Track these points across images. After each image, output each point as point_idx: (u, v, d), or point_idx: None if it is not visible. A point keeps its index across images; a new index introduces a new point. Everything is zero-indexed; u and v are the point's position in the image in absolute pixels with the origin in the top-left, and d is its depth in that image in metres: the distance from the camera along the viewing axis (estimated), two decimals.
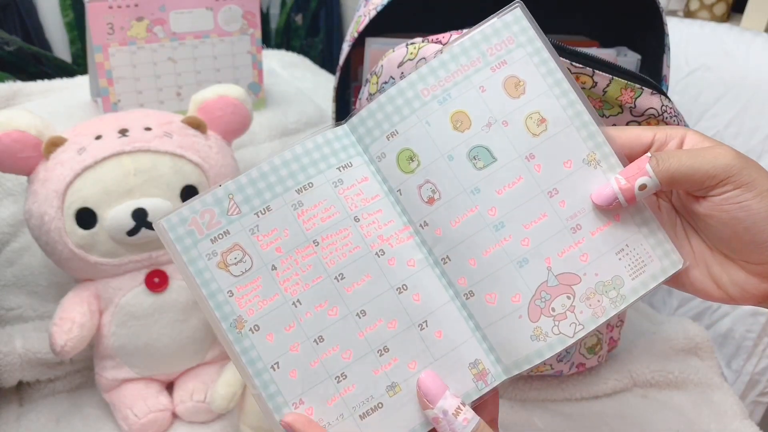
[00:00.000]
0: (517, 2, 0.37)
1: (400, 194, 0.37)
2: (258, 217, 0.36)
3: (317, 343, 0.35)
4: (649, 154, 0.34)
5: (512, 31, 0.37)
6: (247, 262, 0.35)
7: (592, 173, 0.36)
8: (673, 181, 0.34)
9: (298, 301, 0.35)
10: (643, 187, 0.34)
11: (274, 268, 0.35)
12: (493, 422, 0.36)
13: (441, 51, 0.37)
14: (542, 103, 0.36)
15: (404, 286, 0.36)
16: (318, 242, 0.36)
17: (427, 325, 0.36)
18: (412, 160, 0.37)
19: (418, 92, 0.37)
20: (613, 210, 0.35)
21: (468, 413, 0.33)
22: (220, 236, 0.35)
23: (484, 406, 0.36)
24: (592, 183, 0.36)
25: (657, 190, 0.34)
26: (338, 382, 0.35)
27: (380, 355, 0.35)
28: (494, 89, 0.36)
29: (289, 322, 0.35)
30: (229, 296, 0.35)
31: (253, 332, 0.35)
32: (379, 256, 0.36)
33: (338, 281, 0.36)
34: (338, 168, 0.37)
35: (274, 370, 0.35)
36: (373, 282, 0.36)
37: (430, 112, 0.37)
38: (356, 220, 0.37)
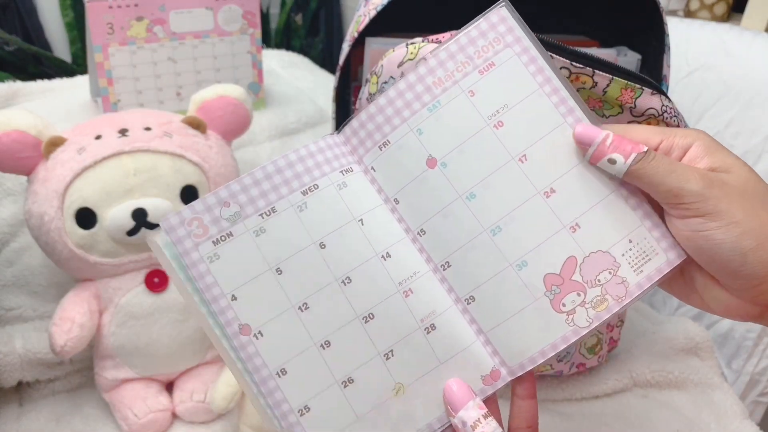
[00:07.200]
0: (503, 1, 0.36)
1: (397, 203, 0.37)
2: (263, 218, 0.35)
3: (324, 348, 0.34)
4: (645, 148, 0.34)
5: (498, 32, 0.36)
6: (252, 266, 0.34)
7: (589, 169, 0.36)
8: (636, 181, 0.34)
9: (304, 305, 0.34)
10: (612, 161, 0.34)
11: (279, 271, 0.34)
12: (530, 429, 0.36)
13: (427, 58, 0.37)
14: (533, 103, 0.36)
15: (410, 290, 0.36)
16: (324, 245, 0.35)
17: (433, 329, 0.36)
18: (406, 170, 0.37)
19: (408, 101, 0.36)
20: (581, 148, 0.35)
21: (487, 427, 0.33)
22: (223, 238, 0.34)
23: (519, 413, 0.36)
24: (588, 179, 0.36)
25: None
26: (345, 387, 0.34)
27: (387, 359, 0.35)
28: (483, 92, 0.36)
29: (295, 327, 0.34)
30: (233, 300, 0.33)
31: (257, 338, 0.33)
32: (385, 259, 0.36)
33: (345, 285, 0.35)
34: (341, 171, 0.37)
35: (280, 376, 0.33)
36: (380, 286, 0.35)
37: (420, 120, 0.36)
38: (361, 223, 0.36)
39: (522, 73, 0.36)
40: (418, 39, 0.46)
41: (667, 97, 0.45)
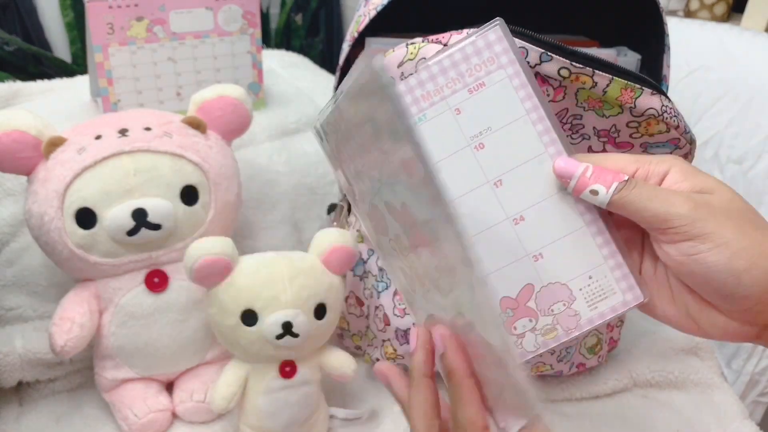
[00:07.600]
0: (498, 20, 0.36)
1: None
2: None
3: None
4: (626, 176, 0.34)
5: (494, 52, 0.36)
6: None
7: (562, 201, 0.36)
8: (621, 210, 0.34)
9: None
10: (594, 192, 0.34)
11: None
12: None
13: (419, 70, 0.37)
14: (518, 128, 0.36)
15: None
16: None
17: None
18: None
19: None
20: (563, 182, 0.35)
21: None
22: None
23: None
24: (560, 211, 0.36)
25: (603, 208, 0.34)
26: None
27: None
28: (470, 112, 0.36)
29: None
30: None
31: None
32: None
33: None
34: None
35: None
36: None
37: None
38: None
39: (511, 97, 0.36)
40: (418, 39, 0.46)
41: (667, 97, 0.45)
